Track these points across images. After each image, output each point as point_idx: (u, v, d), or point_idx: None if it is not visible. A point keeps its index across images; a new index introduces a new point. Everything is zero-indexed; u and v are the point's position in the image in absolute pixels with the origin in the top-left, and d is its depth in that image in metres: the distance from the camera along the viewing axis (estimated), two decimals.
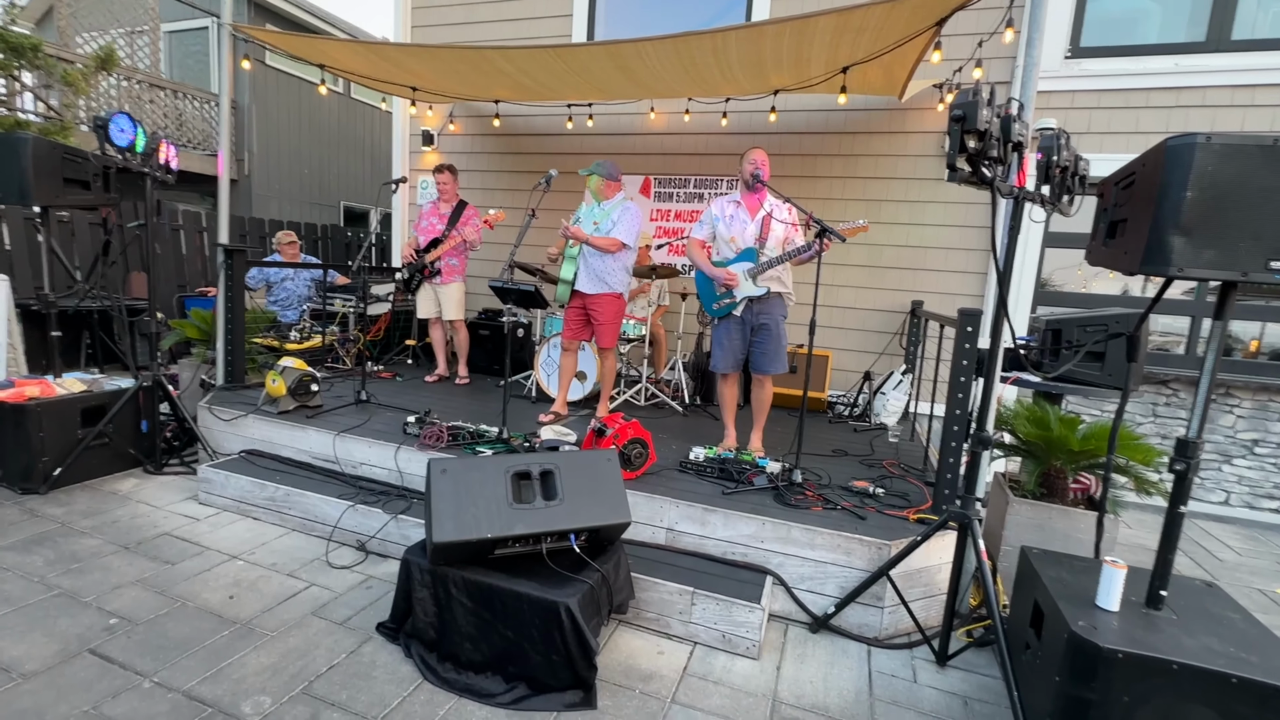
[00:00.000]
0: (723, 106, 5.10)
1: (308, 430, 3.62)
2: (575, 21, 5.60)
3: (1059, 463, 2.85)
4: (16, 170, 3.33)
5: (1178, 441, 1.78)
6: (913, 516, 2.81)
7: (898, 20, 3.33)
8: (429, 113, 6.12)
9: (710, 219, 3.46)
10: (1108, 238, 1.97)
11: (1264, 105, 4.24)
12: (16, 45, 5.62)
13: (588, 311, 3.85)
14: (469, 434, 3.46)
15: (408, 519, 2.98)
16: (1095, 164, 2.37)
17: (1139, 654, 1.66)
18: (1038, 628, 2.01)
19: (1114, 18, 4.66)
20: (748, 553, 2.74)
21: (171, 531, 3.11)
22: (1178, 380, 4.74)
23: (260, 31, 4.69)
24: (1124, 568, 1.87)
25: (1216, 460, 4.70)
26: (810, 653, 2.48)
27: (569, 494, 2.30)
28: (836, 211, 4.97)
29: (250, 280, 5.46)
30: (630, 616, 2.58)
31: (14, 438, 3.35)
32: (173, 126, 8.23)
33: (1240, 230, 1.59)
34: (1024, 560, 2.26)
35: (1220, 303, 1.74)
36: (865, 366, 5.02)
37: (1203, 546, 4.08)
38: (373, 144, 10.70)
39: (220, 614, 2.45)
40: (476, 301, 5.95)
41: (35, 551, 2.81)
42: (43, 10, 9.33)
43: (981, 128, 1.85)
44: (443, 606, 2.22)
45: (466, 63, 4.49)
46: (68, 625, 2.31)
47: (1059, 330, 2.93)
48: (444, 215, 4.69)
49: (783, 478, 3.07)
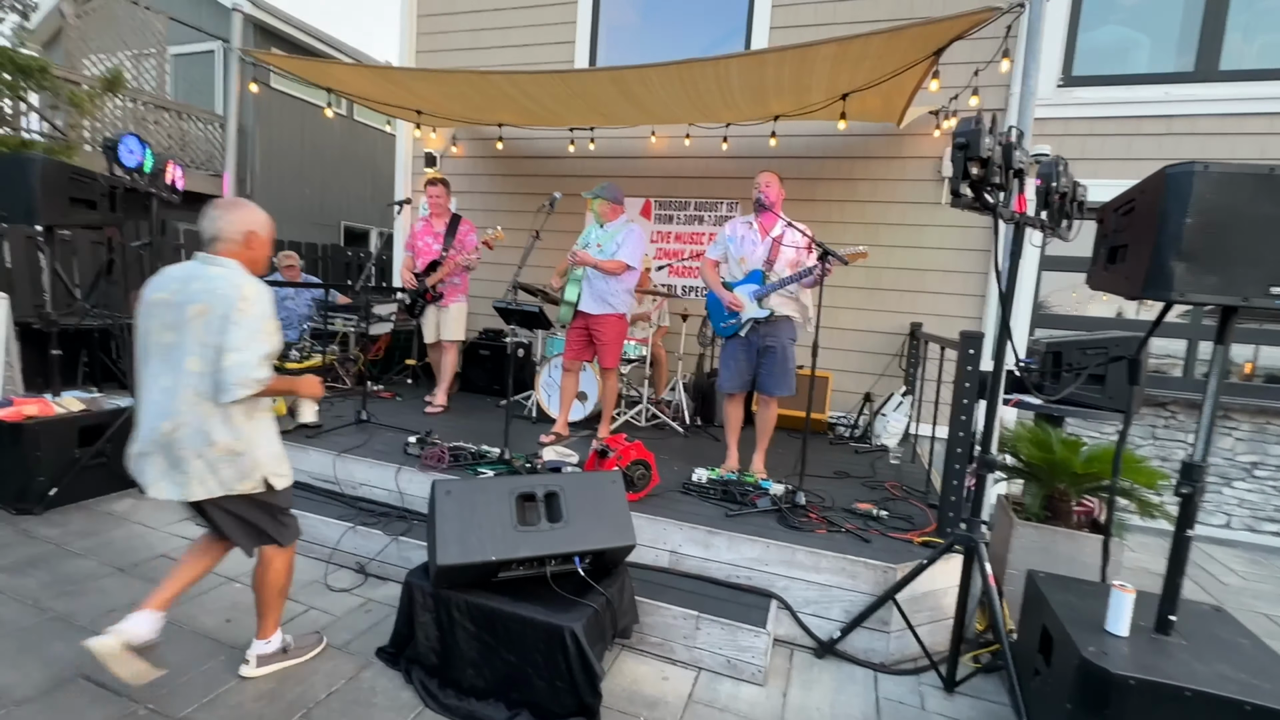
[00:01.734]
0: (723, 131, 5.18)
1: (308, 450, 3.60)
2: (578, 48, 5.70)
3: (1063, 485, 2.85)
4: (25, 189, 3.35)
5: (1183, 465, 1.78)
6: (917, 539, 2.79)
7: (896, 50, 3.41)
8: (433, 135, 6.20)
9: (724, 239, 3.50)
10: (1109, 262, 2.00)
11: (1253, 133, 4.33)
12: (24, 67, 5.69)
13: (590, 332, 3.86)
14: (471, 455, 3.44)
15: (408, 541, 2.95)
16: (1090, 189, 2.42)
17: (1151, 680, 1.65)
18: (1046, 653, 1.99)
19: (1104, 48, 4.78)
20: (752, 576, 2.72)
21: (167, 553, 3.06)
22: (1176, 403, 4.76)
23: (269, 55, 4.76)
24: (1132, 592, 1.87)
25: (1217, 483, 4.71)
26: (816, 678, 2.45)
27: (574, 516, 2.29)
28: (836, 234, 5.01)
29: None
30: (634, 641, 2.54)
31: (10, 457, 3.32)
32: (176, 147, 8.29)
33: (1240, 256, 1.62)
34: (1031, 584, 2.25)
35: (1221, 327, 1.77)
36: (865, 388, 5.04)
37: (1206, 570, 4.06)
38: (374, 165, 10.80)
39: (217, 638, 2.41)
40: (477, 321, 5.96)
41: (29, 574, 2.77)
42: (51, 33, 9.47)
43: (984, 155, 1.89)
44: (445, 631, 2.19)
45: (471, 86, 4.57)
46: (61, 650, 2.26)
47: (1059, 353, 2.95)
48: (438, 233, 4.57)
49: (786, 500, 3.05)
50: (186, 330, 1.86)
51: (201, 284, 1.88)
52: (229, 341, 1.83)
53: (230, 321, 1.83)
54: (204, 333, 1.85)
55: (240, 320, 1.84)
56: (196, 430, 1.88)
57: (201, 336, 1.85)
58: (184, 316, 1.86)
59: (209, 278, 1.89)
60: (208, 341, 1.85)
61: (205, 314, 1.84)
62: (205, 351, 1.85)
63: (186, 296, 1.87)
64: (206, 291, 1.86)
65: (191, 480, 1.91)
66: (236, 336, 1.83)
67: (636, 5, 5.81)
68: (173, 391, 1.88)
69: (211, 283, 1.87)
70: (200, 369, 1.86)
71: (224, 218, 1.96)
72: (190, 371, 1.86)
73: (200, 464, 1.90)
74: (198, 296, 1.86)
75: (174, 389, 1.87)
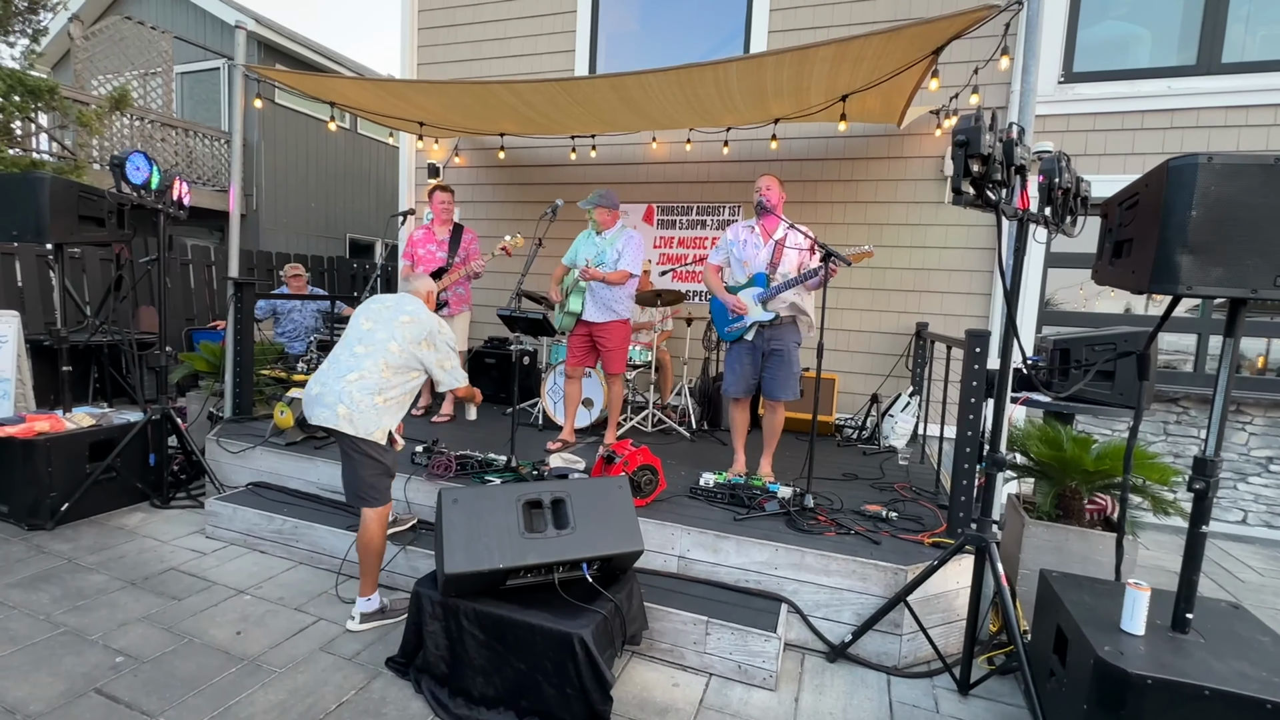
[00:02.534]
0: (724, 135, 5.19)
1: (315, 461, 3.61)
2: (578, 56, 5.74)
3: (1074, 483, 2.82)
4: (34, 209, 3.40)
5: (1195, 460, 1.76)
6: (928, 540, 2.77)
7: (895, 50, 3.41)
8: (435, 146, 6.25)
9: (726, 244, 3.50)
10: (1114, 257, 1.98)
11: (1258, 125, 4.30)
12: (34, 88, 5.77)
13: (595, 339, 3.86)
14: (477, 463, 3.45)
15: (416, 550, 2.95)
16: (1094, 185, 2.40)
17: (1169, 680, 1.62)
18: (1062, 654, 1.97)
19: (1105, 44, 4.76)
20: (761, 580, 2.70)
21: (178, 566, 3.08)
22: (1188, 398, 4.71)
23: (274, 72, 4.81)
24: (1148, 590, 1.84)
25: (1232, 478, 4.65)
26: (829, 683, 2.43)
27: (581, 522, 2.28)
28: (840, 236, 5.01)
29: (258, 311, 5.50)
30: (644, 647, 2.53)
31: (23, 473, 3.35)
32: (183, 163, 8.39)
33: (1247, 248, 1.60)
34: (1044, 584, 2.22)
35: (1230, 320, 1.75)
36: (872, 389, 5.01)
37: (1223, 567, 4.00)
38: (378, 177, 10.89)
39: (228, 650, 2.41)
40: (483, 330, 5.98)
41: (41, 589, 2.79)
42: (60, 54, 9.62)
43: (984, 152, 1.88)
44: (454, 639, 2.19)
45: (472, 97, 4.60)
46: (73, 664, 2.27)
47: (1067, 350, 2.92)
48: (442, 241, 4.54)
49: (794, 503, 3.04)
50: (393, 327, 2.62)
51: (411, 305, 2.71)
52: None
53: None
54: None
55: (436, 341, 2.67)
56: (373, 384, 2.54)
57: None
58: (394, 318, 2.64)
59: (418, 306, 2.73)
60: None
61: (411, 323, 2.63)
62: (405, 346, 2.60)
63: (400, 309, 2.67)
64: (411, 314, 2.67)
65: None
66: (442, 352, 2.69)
67: (635, 13, 5.85)
68: (365, 358, 2.55)
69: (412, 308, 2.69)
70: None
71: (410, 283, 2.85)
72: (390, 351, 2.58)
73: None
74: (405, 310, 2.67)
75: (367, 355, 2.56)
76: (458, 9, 6.06)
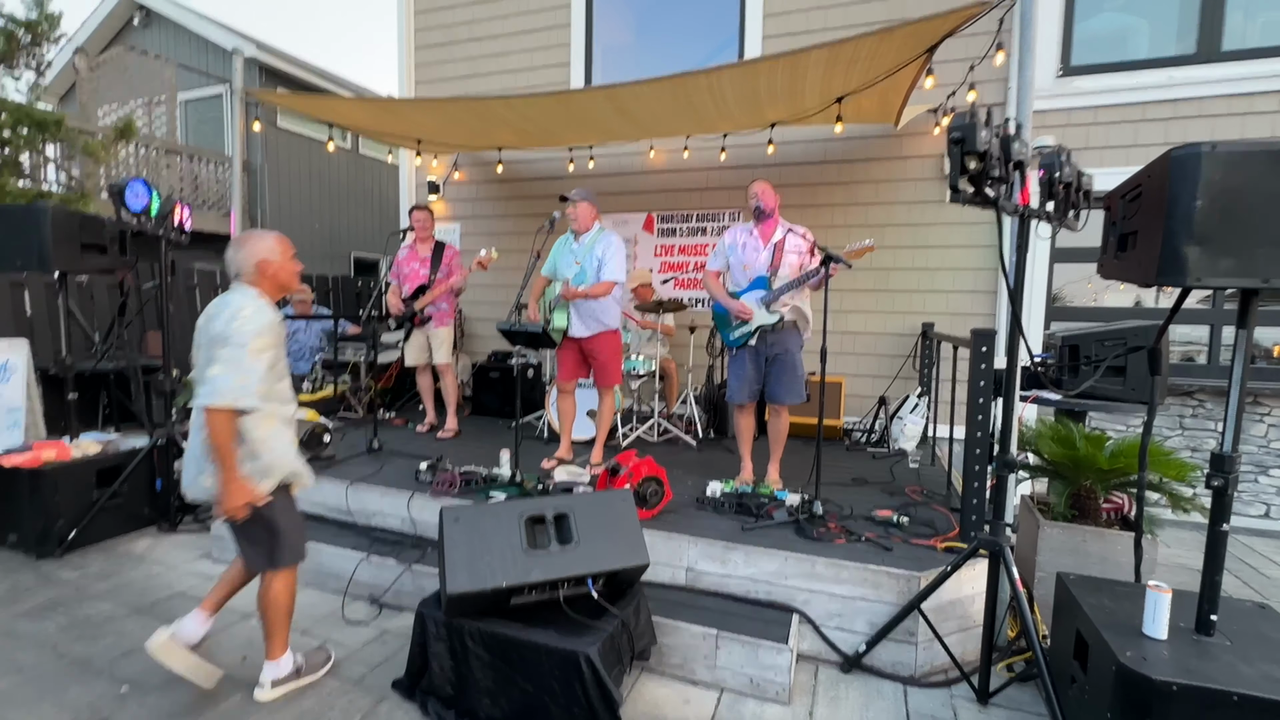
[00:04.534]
0: (721, 142, 5.19)
1: (320, 482, 3.60)
2: (573, 70, 5.76)
3: (1088, 482, 2.75)
4: (37, 239, 3.43)
5: (1213, 456, 1.71)
6: (941, 545, 2.71)
7: (888, 50, 3.40)
8: (434, 163, 6.28)
9: (724, 249, 3.47)
10: (1119, 250, 1.94)
11: (1262, 112, 4.24)
12: (41, 121, 5.87)
13: (585, 353, 3.77)
14: (481, 478, 3.42)
15: (422, 569, 2.92)
16: (1096, 178, 2.36)
17: (1195, 685, 1.57)
18: (1082, 660, 1.91)
19: (1102, 36, 4.73)
20: (771, 590, 2.65)
21: (185, 591, 3.07)
22: (1203, 391, 4.62)
23: (272, 95, 4.87)
24: (1169, 592, 1.78)
25: (1253, 471, 4.55)
26: (843, 695, 2.37)
27: (584, 537, 2.25)
28: (840, 238, 4.97)
29: None
30: (653, 663, 2.48)
31: (30, 502, 3.36)
32: (189, 189, 8.49)
33: (1257, 236, 1.56)
34: (1061, 587, 2.16)
35: (1242, 310, 1.70)
36: (879, 391, 4.95)
37: (1248, 564, 3.90)
38: (380, 196, 10.97)
39: (233, 676, 2.39)
40: (485, 344, 5.99)
41: (49, 618, 2.78)
42: (67, 86, 9.79)
43: (981, 149, 1.85)
44: (459, 660, 2.15)
45: (469, 112, 4.62)
46: (79, 694, 2.26)
47: (1076, 346, 2.87)
48: (424, 259, 4.59)
49: (803, 510, 2.99)
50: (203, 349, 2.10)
51: (217, 308, 2.12)
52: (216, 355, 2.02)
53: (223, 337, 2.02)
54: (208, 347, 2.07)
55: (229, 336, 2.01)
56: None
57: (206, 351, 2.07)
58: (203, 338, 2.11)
59: (224, 302, 2.11)
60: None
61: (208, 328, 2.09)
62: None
63: (207, 319, 2.12)
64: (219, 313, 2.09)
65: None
66: (222, 352, 2.01)
67: (630, 24, 5.87)
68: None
69: (222, 305, 2.11)
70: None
71: (236, 254, 2.16)
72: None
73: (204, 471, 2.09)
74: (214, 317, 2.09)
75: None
76: (454, 26, 6.11)
